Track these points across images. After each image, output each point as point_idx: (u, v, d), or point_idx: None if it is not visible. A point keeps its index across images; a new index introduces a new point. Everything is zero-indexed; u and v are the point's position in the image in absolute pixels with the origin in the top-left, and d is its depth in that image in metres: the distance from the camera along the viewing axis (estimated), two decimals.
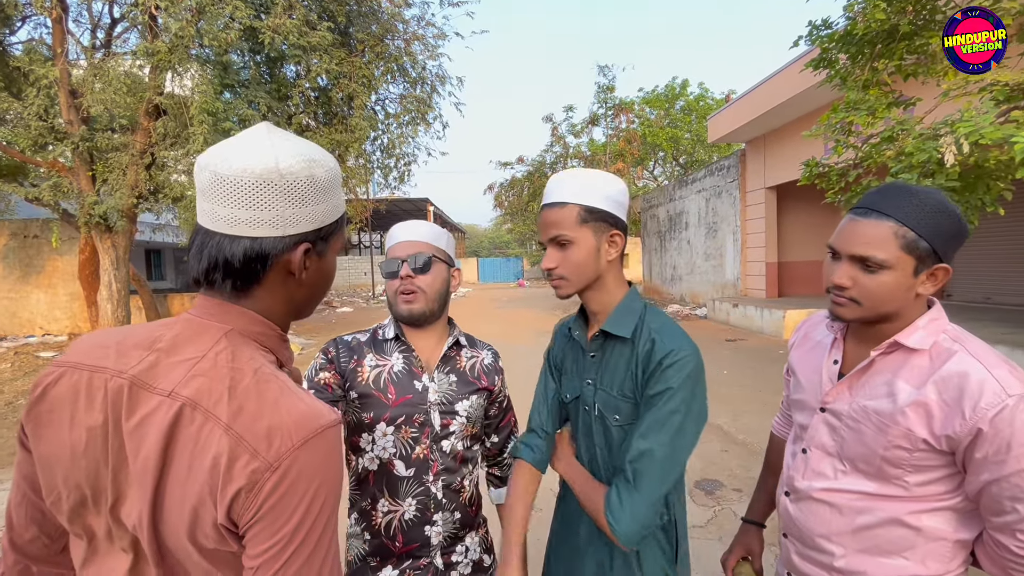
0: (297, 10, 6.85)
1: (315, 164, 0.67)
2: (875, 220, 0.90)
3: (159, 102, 6.96)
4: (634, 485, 0.95)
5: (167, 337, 0.65)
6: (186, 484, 0.57)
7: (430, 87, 8.87)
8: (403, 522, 1.18)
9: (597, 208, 1.02)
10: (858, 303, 0.93)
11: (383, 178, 9.64)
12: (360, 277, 29.15)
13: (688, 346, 1.00)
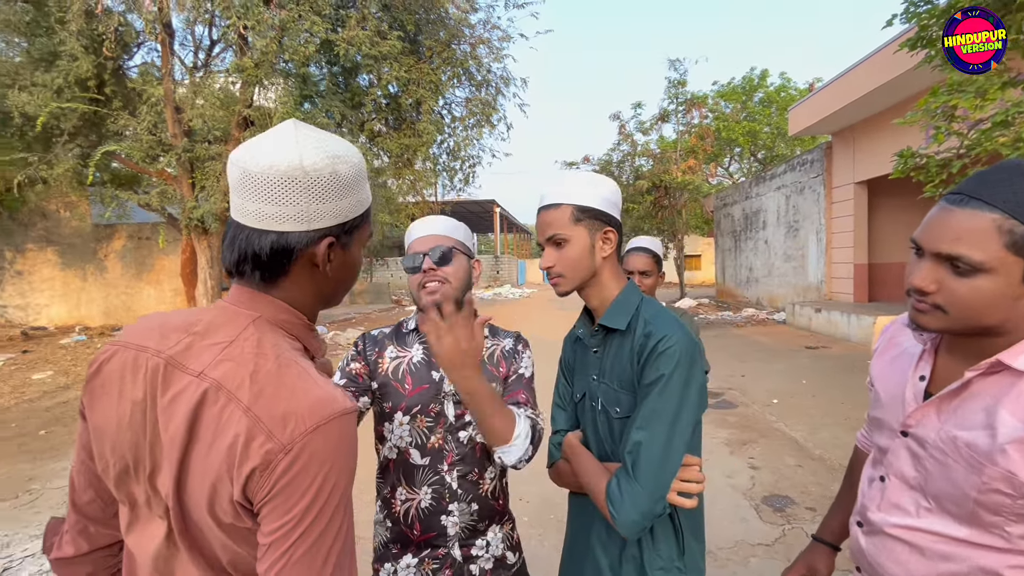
0: (369, 22, 7.18)
1: (339, 160, 0.69)
2: (972, 210, 0.72)
3: (247, 114, 7.56)
4: (633, 475, 0.94)
5: (203, 322, 0.69)
6: (207, 460, 0.61)
7: (495, 89, 8.97)
8: (420, 511, 1.19)
9: (590, 207, 1.06)
10: (944, 311, 0.76)
11: (448, 180, 9.88)
12: None
13: (678, 332, 0.99)
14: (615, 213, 1.09)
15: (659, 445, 0.94)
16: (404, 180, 9.05)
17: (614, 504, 0.94)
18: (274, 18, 6.35)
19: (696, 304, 16.61)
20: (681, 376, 0.96)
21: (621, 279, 1.12)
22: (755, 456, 4.20)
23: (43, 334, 11.03)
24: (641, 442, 0.95)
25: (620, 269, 1.13)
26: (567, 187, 1.07)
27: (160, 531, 0.67)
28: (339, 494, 0.61)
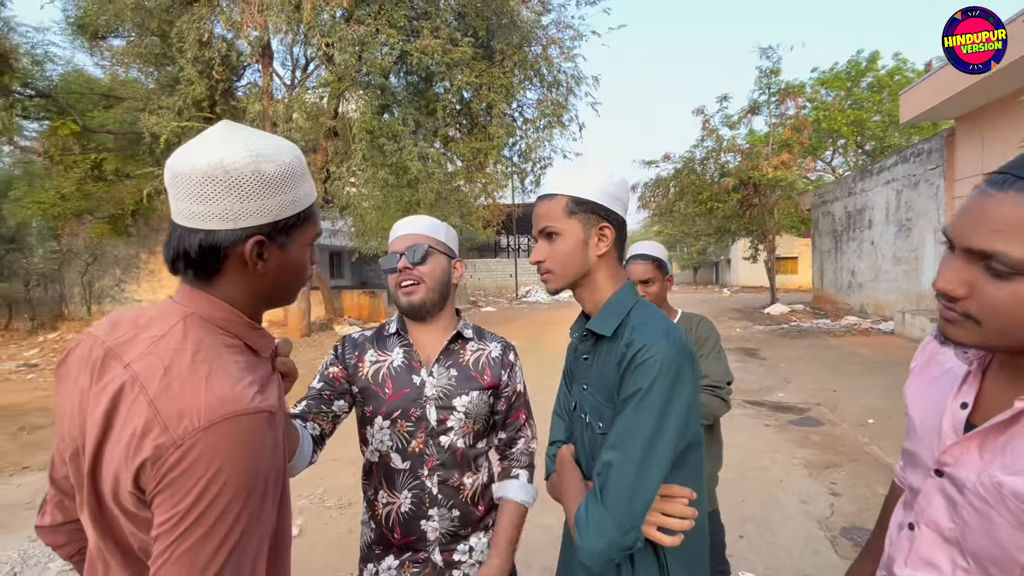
0: (442, 30, 7.42)
1: (263, 159, 0.68)
2: (1017, 194, 0.57)
3: (332, 125, 8.11)
4: (601, 500, 0.84)
5: (148, 316, 0.71)
6: (115, 449, 0.63)
7: (566, 89, 8.90)
8: (400, 514, 1.17)
9: (586, 199, 0.97)
10: (977, 322, 0.62)
11: (520, 182, 9.95)
12: (506, 279, 30.46)
13: (662, 341, 0.88)
14: (616, 208, 0.99)
15: (631, 468, 0.83)
16: (476, 183, 9.24)
17: (579, 530, 0.86)
18: (354, 34, 6.76)
19: (788, 311, 15.33)
20: (661, 391, 0.84)
21: (618, 280, 1.02)
22: (837, 481, 3.77)
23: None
24: (611, 463, 0.85)
25: (619, 269, 1.03)
26: (566, 177, 0.99)
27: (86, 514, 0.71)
28: (230, 495, 0.59)
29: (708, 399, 1.68)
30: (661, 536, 0.85)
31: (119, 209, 10.24)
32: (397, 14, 7.05)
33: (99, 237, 11.56)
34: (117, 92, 9.84)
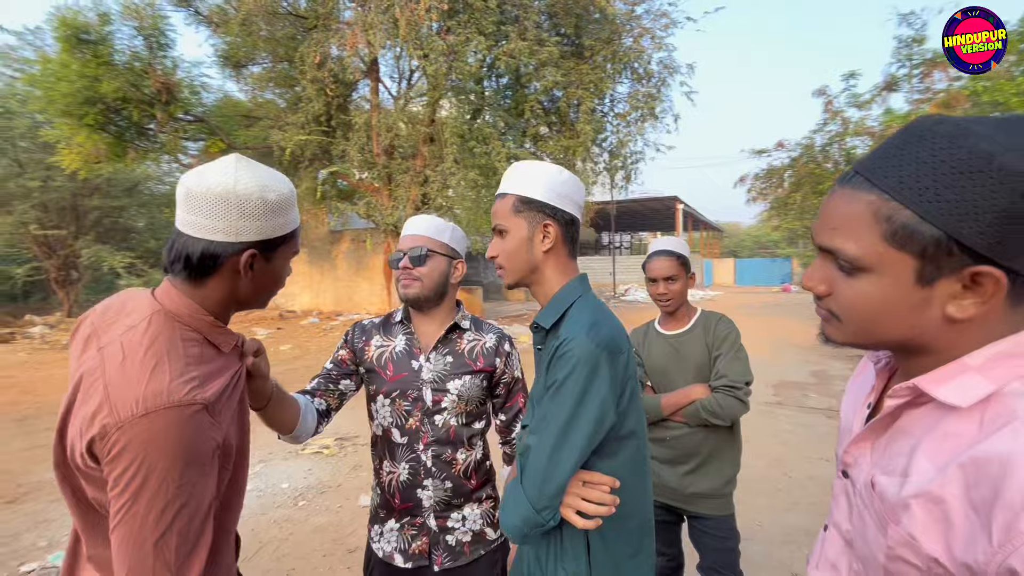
0: (529, 32, 7.55)
1: (267, 189, 0.83)
2: (852, 190, 0.57)
3: (426, 132, 8.63)
4: (520, 480, 0.91)
5: (131, 304, 0.83)
6: (76, 419, 0.76)
7: (658, 80, 8.58)
8: (399, 483, 1.31)
9: (532, 198, 1.02)
10: (840, 320, 0.61)
11: (610, 179, 9.77)
12: (604, 276, 29.97)
13: (582, 335, 0.90)
14: (564, 206, 1.03)
15: (545, 453, 0.88)
16: None
17: (503, 505, 0.93)
18: (444, 44, 7.14)
19: None
20: (576, 382, 0.88)
21: (566, 275, 1.05)
22: None
23: (293, 316, 14.28)
24: (529, 447, 0.91)
25: (569, 264, 1.07)
26: (516, 176, 1.05)
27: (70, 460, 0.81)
28: (163, 473, 0.70)
29: (725, 399, 1.63)
30: (576, 518, 0.89)
31: None
32: (486, 21, 7.31)
33: None
34: (255, 113, 11.36)
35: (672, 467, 1.77)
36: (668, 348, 1.80)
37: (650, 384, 1.84)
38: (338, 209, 10.88)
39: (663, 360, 1.80)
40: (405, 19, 6.79)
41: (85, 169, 8.93)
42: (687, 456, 1.74)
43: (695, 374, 1.73)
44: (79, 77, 7.84)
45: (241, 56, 10.46)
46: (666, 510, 1.82)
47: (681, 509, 1.79)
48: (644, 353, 1.86)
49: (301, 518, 3.23)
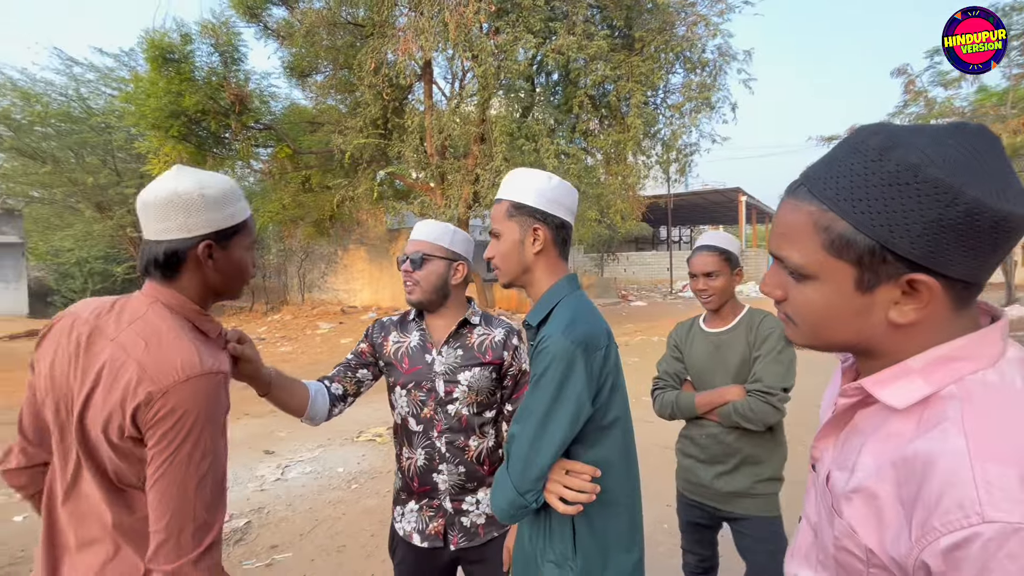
0: (577, 27, 7.52)
1: (205, 186, 0.94)
2: (795, 200, 0.60)
3: (477, 132, 8.79)
4: (506, 466, 0.99)
5: (120, 304, 0.95)
6: (107, 397, 0.86)
7: (713, 68, 8.27)
8: (416, 468, 1.42)
9: (524, 204, 1.10)
10: (795, 323, 0.64)
11: (663, 172, 9.55)
12: (660, 272, 29.18)
13: (558, 333, 0.98)
14: (555, 210, 1.10)
15: (527, 440, 0.96)
16: (616, 177, 9.14)
17: (493, 488, 1.02)
18: (493, 45, 7.26)
19: None
20: (554, 377, 0.96)
21: (555, 275, 1.12)
22: None
23: (354, 311, 15.00)
24: (513, 435, 0.99)
25: (559, 265, 1.13)
26: (511, 183, 1.13)
27: (73, 450, 0.91)
28: (201, 428, 0.85)
29: (757, 404, 1.59)
30: (559, 503, 0.95)
31: (321, 215, 12.51)
32: (534, 19, 7.35)
33: (308, 238, 14.24)
34: (319, 119, 12.01)
35: (707, 467, 1.75)
36: (709, 346, 1.78)
37: (689, 380, 1.83)
38: (394, 208, 11.31)
39: (704, 358, 1.78)
40: (455, 22, 6.96)
41: None
42: (723, 456, 1.72)
43: (735, 374, 1.70)
44: (165, 93, 8.62)
45: (305, 66, 11.09)
46: (701, 510, 1.80)
47: (719, 510, 1.77)
48: (686, 350, 1.85)
49: (353, 500, 3.45)
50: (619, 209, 9.05)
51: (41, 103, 12.15)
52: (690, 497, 1.84)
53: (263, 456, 4.39)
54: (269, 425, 5.22)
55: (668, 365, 1.89)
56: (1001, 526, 0.44)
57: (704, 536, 1.87)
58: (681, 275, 29.07)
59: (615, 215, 9.20)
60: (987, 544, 0.45)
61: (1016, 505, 0.45)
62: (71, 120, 12.26)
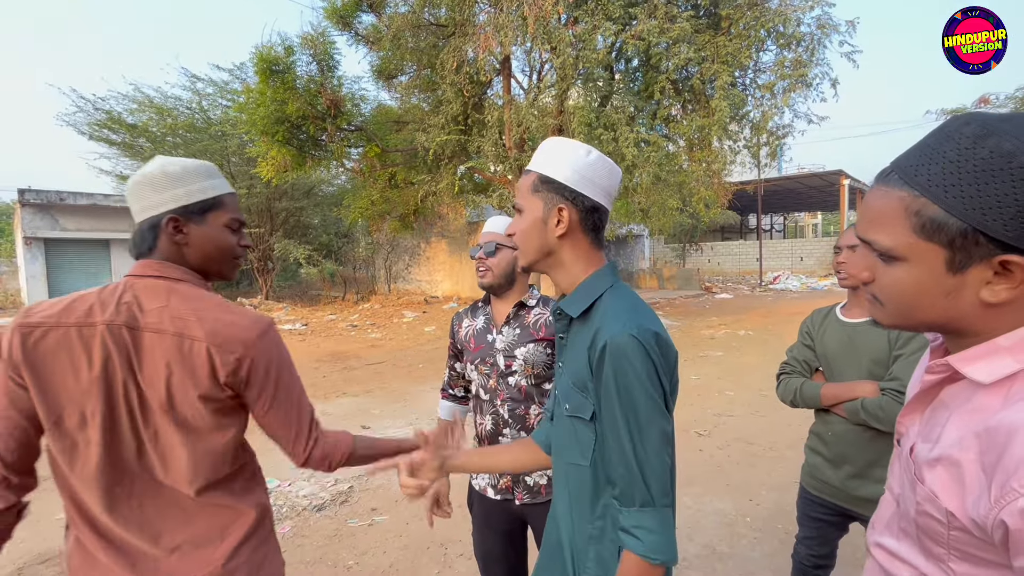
0: (659, 9, 7.29)
1: (167, 164, 0.98)
2: (887, 187, 0.62)
3: (555, 124, 8.82)
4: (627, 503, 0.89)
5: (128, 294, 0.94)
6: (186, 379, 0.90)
7: (810, 42, 7.67)
8: (486, 432, 1.61)
9: (552, 178, 0.96)
10: (882, 304, 0.66)
11: (752, 157, 9.03)
12: (750, 263, 27.51)
13: (625, 327, 0.87)
14: (586, 190, 0.95)
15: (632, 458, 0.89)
16: (699, 163, 8.79)
17: (642, 543, 0.90)
18: (571, 35, 7.25)
19: None
20: (628, 383, 0.87)
21: (590, 262, 0.99)
22: None
23: (436, 301, 15.68)
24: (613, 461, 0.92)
25: (592, 251, 1.00)
26: (544, 152, 0.99)
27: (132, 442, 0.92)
28: (286, 363, 0.99)
29: (889, 404, 1.49)
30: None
31: (406, 210, 13.19)
32: (613, 5, 7.24)
33: (394, 232, 15.07)
34: (404, 118, 12.64)
35: (834, 467, 1.67)
36: (843, 336, 1.66)
37: (820, 369, 1.74)
38: (474, 202, 11.65)
39: (835, 348, 1.68)
40: (533, 16, 7.03)
41: (277, 178, 10.82)
42: (849, 457, 1.63)
43: (868, 370, 1.59)
44: (271, 102, 9.51)
45: (392, 68, 11.70)
46: (826, 507, 1.73)
47: (851, 511, 1.68)
48: (817, 337, 1.75)
49: None
50: (703, 197, 8.70)
51: (172, 116, 13.85)
52: (814, 494, 1.77)
53: (360, 431, 4.81)
54: (364, 404, 5.69)
55: (798, 351, 1.81)
56: None
57: (826, 533, 1.79)
58: (771, 266, 27.19)
59: (698, 203, 8.85)
60: None
61: None
62: (194, 130, 13.86)
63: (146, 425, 0.93)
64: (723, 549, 2.72)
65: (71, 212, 15.84)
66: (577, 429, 0.96)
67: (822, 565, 1.84)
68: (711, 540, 2.80)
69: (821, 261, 26.36)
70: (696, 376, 6.64)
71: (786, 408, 1.75)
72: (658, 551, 0.85)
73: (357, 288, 17.61)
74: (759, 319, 11.72)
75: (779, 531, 2.85)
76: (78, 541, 0.94)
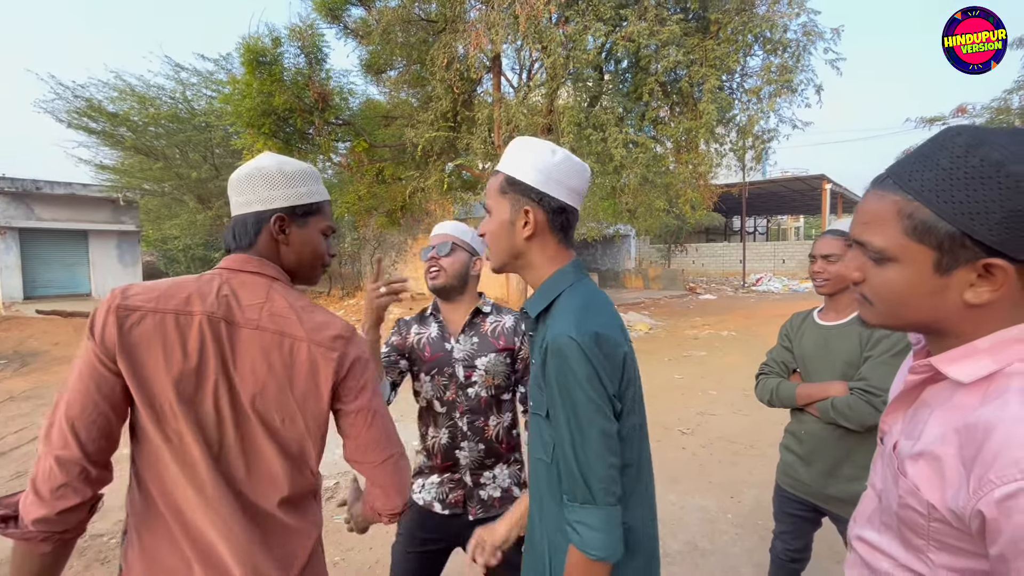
0: (649, 11, 7.35)
1: (284, 163, 0.99)
2: (881, 191, 0.67)
3: (544, 122, 8.85)
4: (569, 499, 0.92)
5: (227, 287, 0.93)
6: (294, 381, 0.92)
7: (796, 48, 7.80)
8: (440, 445, 1.54)
9: (518, 180, 0.96)
10: (871, 304, 0.71)
11: (738, 160, 9.16)
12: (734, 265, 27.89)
13: (569, 327, 0.88)
14: (553, 191, 0.96)
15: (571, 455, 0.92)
16: (686, 165, 8.89)
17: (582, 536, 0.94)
18: (562, 35, 7.27)
19: None
20: (566, 384, 0.89)
21: (556, 262, 1.00)
22: None
23: (421, 297, 15.60)
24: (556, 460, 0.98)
25: (560, 251, 1.01)
26: (512, 153, 0.99)
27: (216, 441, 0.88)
28: (370, 365, 1.00)
29: (856, 403, 1.57)
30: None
31: (393, 205, 13.09)
32: (604, 7, 7.27)
33: (381, 228, 14.96)
34: (392, 113, 12.55)
35: (806, 465, 1.74)
36: (819, 339, 1.74)
37: (797, 370, 1.82)
38: (462, 199, 11.63)
39: (812, 350, 1.75)
40: (525, 14, 7.04)
41: None
42: (821, 455, 1.70)
43: (841, 371, 1.66)
44: (258, 93, 9.38)
45: (381, 63, 11.61)
46: (801, 503, 1.80)
47: (823, 508, 1.75)
48: (795, 340, 1.83)
49: None
50: (689, 199, 8.79)
51: (154, 106, 13.55)
52: (788, 491, 1.84)
53: None
54: None
55: (777, 353, 1.89)
56: None
57: (800, 528, 1.86)
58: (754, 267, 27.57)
59: (685, 205, 8.95)
60: None
61: None
62: (178, 120, 13.58)
63: (235, 424, 0.89)
64: (705, 545, 2.78)
65: (47, 201, 15.43)
66: (540, 426, 1.00)
67: (798, 559, 1.91)
68: (693, 537, 2.86)
69: (803, 264, 26.82)
70: (680, 375, 6.74)
71: (767, 408, 1.80)
72: (596, 547, 0.87)
73: (343, 284, 17.46)
74: (742, 320, 11.90)
75: (760, 527, 2.92)
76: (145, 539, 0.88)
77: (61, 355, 7.86)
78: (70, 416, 0.82)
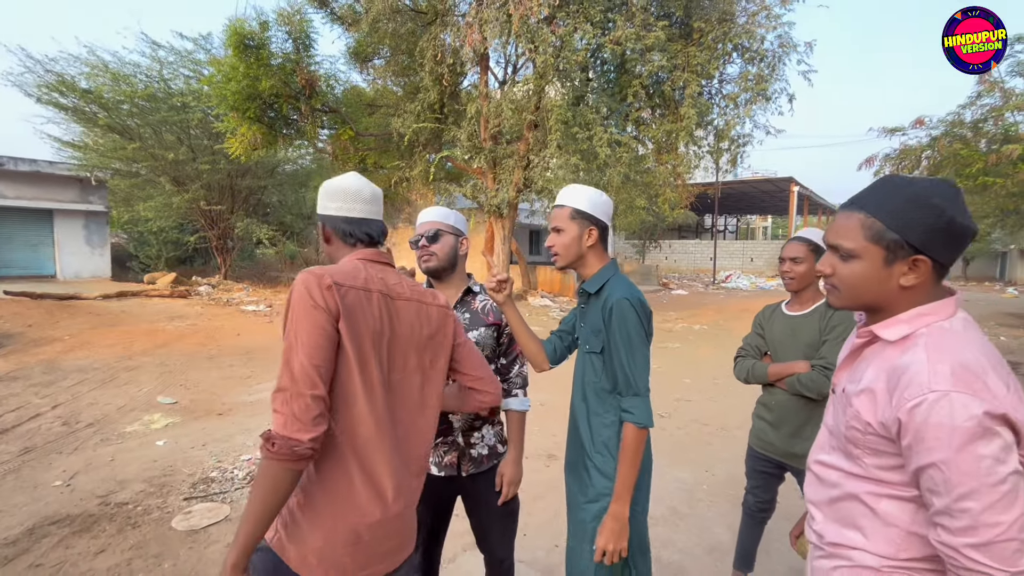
0: (636, 17, 7.66)
1: (352, 179, 1.25)
2: (849, 211, 0.97)
3: (531, 119, 9.08)
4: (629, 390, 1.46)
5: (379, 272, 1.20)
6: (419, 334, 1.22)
7: (772, 59, 8.26)
8: None
9: (582, 210, 1.53)
10: (838, 290, 1.00)
11: (714, 162, 9.61)
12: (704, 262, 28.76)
13: (625, 295, 1.44)
14: (602, 216, 1.53)
15: (630, 367, 1.46)
16: (665, 165, 9.29)
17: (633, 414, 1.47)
18: (552, 36, 7.51)
19: None
20: (633, 321, 1.44)
21: (603, 261, 1.56)
22: None
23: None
24: (623, 366, 1.46)
25: (604, 255, 1.57)
26: (570, 194, 1.54)
27: (417, 378, 1.21)
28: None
29: (816, 376, 1.93)
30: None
31: None
32: (593, 9, 7.55)
33: None
34: (377, 101, 12.56)
35: (775, 429, 2.11)
36: (787, 327, 2.10)
37: (768, 353, 2.18)
38: (446, 190, 11.78)
39: (781, 336, 2.12)
40: (519, 14, 7.25)
41: (246, 155, 10.56)
42: (787, 420, 2.06)
43: (804, 353, 2.01)
44: (244, 77, 9.29)
45: (368, 51, 11.60)
46: (769, 462, 2.18)
47: (787, 465, 2.12)
48: (767, 327, 2.19)
49: None
50: (668, 198, 9.20)
51: (129, 83, 13.17)
52: (759, 451, 2.21)
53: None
54: None
55: (751, 339, 2.26)
56: (938, 394, 0.82)
57: (768, 482, 2.25)
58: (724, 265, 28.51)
59: (663, 203, 9.36)
60: (932, 403, 0.82)
61: (945, 383, 0.82)
62: (154, 100, 13.21)
63: (402, 368, 1.17)
64: (684, 510, 3.14)
65: (11, 178, 14.84)
66: (593, 361, 1.55)
67: (765, 508, 2.30)
68: (674, 503, 3.22)
69: (770, 262, 27.84)
70: (658, 366, 7.15)
71: (735, 394, 2.18)
72: (644, 419, 1.43)
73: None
74: (712, 315, 12.47)
75: (731, 496, 3.30)
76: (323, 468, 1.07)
77: (38, 336, 7.72)
78: (315, 364, 1.01)
